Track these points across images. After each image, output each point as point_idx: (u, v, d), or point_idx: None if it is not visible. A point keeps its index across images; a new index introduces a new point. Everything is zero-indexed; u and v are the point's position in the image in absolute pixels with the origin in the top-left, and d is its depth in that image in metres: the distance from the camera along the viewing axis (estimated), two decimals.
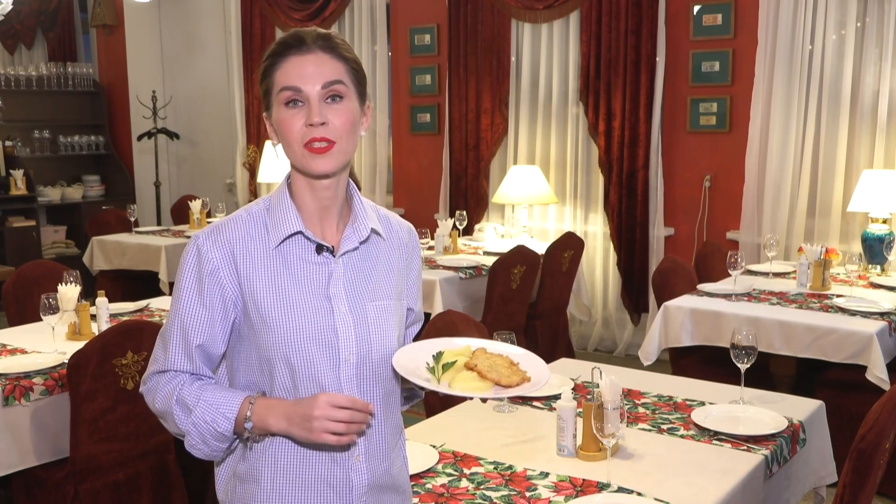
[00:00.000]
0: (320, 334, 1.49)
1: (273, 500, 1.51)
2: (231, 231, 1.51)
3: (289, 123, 1.46)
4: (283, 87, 1.46)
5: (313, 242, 1.52)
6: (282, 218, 1.51)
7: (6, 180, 7.41)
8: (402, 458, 1.64)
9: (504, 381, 1.50)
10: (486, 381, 1.49)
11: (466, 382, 1.50)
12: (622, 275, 5.82)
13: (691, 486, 2.05)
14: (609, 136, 5.71)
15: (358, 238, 1.55)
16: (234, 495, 1.55)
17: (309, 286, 1.50)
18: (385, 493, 1.58)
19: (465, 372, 1.51)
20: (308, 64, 1.46)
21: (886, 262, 4.52)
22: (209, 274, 1.49)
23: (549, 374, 1.57)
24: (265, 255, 1.50)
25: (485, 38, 6.16)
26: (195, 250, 1.50)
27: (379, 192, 6.89)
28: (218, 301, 1.50)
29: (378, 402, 1.55)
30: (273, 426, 1.45)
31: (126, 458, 2.97)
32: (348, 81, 1.49)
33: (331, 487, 1.51)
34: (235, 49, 7.60)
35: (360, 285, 1.54)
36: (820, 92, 5.07)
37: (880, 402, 2.19)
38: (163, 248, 5.60)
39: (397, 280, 1.61)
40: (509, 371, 1.52)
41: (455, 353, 1.55)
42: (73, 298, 3.34)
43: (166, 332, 1.53)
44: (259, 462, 1.51)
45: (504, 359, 1.56)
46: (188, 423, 1.48)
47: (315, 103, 1.45)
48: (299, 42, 1.47)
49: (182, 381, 1.50)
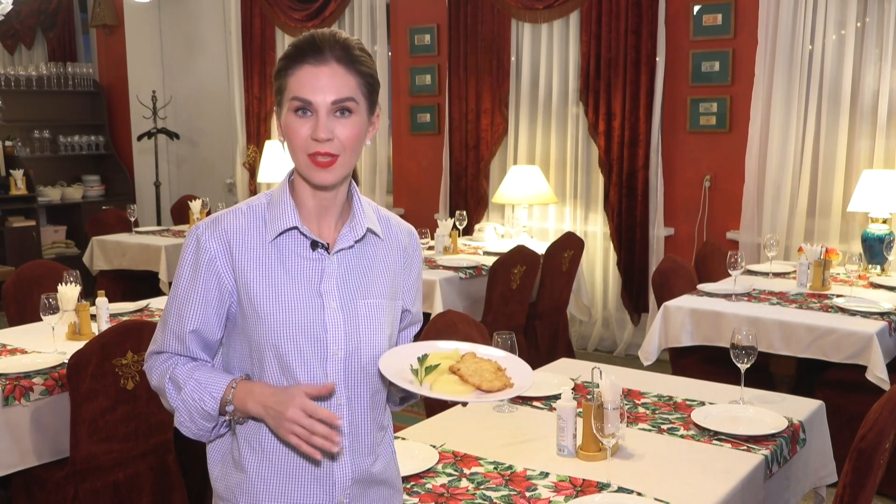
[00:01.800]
0: (310, 328, 1.51)
1: (259, 489, 1.54)
2: (229, 222, 1.54)
3: (296, 131, 1.48)
4: (295, 97, 1.47)
5: (308, 239, 1.54)
6: (280, 213, 1.54)
7: (6, 180, 7.41)
8: (389, 453, 1.66)
9: (486, 385, 1.50)
10: (467, 385, 1.50)
11: (447, 386, 1.51)
12: (622, 275, 5.82)
13: (691, 486, 2.05)
14: (609, 136, 5.72)
15: (353, 237, 1.57)
16: (224, 482, 1.58)
17: (302, 281, 1.53)
18: (371, 487, 1.60)
19: (447, 375, 1.52)
20: (322, 77, 1.46)
21: (886, 262, 4.52)
22: (206, 262, 1.53)
23: (532, 381, 1.56)
24: (261, 248, 1.53)
25: (485, 38, 6.16)
26: (195, 239, 1.55)
27: (379, 192, 6.89)
28: (214, 288, 1.53)
29: (365, 399, 1.57)
30: (252, 410, 1.50)
31: (126, 458, 2.97)
32: (360, 96, 1.49)
33: (314, 479, 1.54)
34: (235, 49, 7.60)
35: (352, 283, 1.56)
36: (820, 92, 5.07)
37: (880, 402, 2.19)
38: (163, 248, 5.60)
39: (392, 280, 1.62)
40: (493, 376, 1.52)
41: (442, 357, 1.56)
42: (73, 298, 3.34)
43: (164, 315, 1.59)
44: (246, 450, 1.54)
45: (492, 364, 1.56)
46: (178, 400, 1.53)
47: (323, 118, 1.46)
48: (315, 51, 1.47)
49: (176, 362, 1.56)
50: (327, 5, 6.93)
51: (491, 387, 1.50)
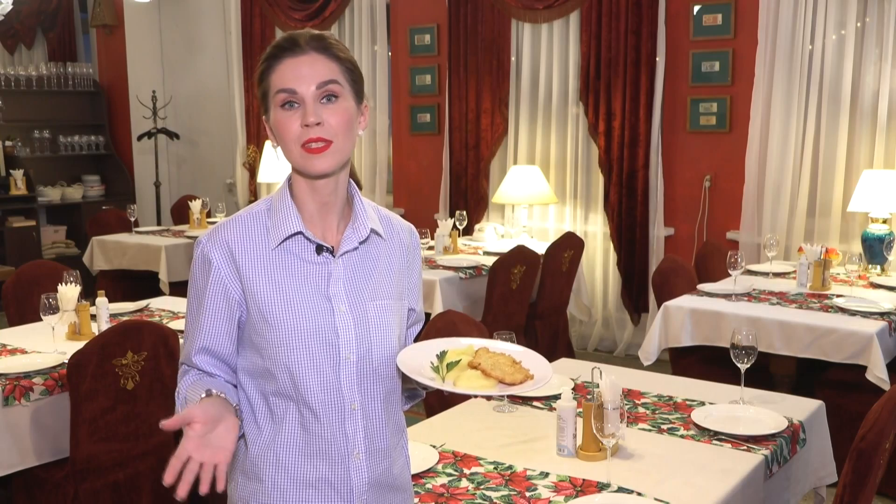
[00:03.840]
0: (321, 333, 1.50)
1: (275, 497, 1.52)
2: (230, 231, 1.53)
3: (285, 125, 1.47)
4: (279, 90, 1.47)
5: (313, 243, 1.53)
6: (282, 218, 1.52)
7: (6, 180, 7.41)
8: (404, 457, 1.65)
9: (508, 378, 1.50)
10: (490, 380, 1.50)
11: (471, 381, 1.50)
12: (622, 275, 5.82)
13: (691, 486, 2.05)
14: (609, 136, 5.71)
15: (357, 238, 1.56)
16: (238, 492, 1.57)
17: (309, 286, 1.51)
18: (386, 493, 1.58)
19: (470, 371, 1.52)
20: (302, 65, 1.47)
21: (886, 262, 4.52)
22: (211, 275, 1.52)
23: (552, 372, 1.58)
24: (265, 256, 1.52)
25: (485, 38, 6.16)
26: (199, 253, 1.54)
27: (379, 192, 6.89)
28: (221, 301, 1.52)
29: (378, 401, 1.56)
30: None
31: (126, 458, 2.97)
32: (343, 81, 1.50)
33: (331, 486, 1.52)
34: (235, 49, 7.60)
35: (360, 285, 1.55)
36: (820, 92, 5.07)
37: (880, 402, 2.19)
38: (163, 248, 5.60)
39: (398, 280, 1.61)
40: (512, 369, 1.53)
41: (458, 353, 1.56)
42: (73, 298, 3.34)
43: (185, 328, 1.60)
44: (261, 460, 1.53)
45: (507, 357, 1.56)
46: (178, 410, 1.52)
47: (310, 104, 1.46)
48: (293, 44, 1.48)
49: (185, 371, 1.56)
50: (327, 5, 6.93)
51: (513, 380, 1.50)
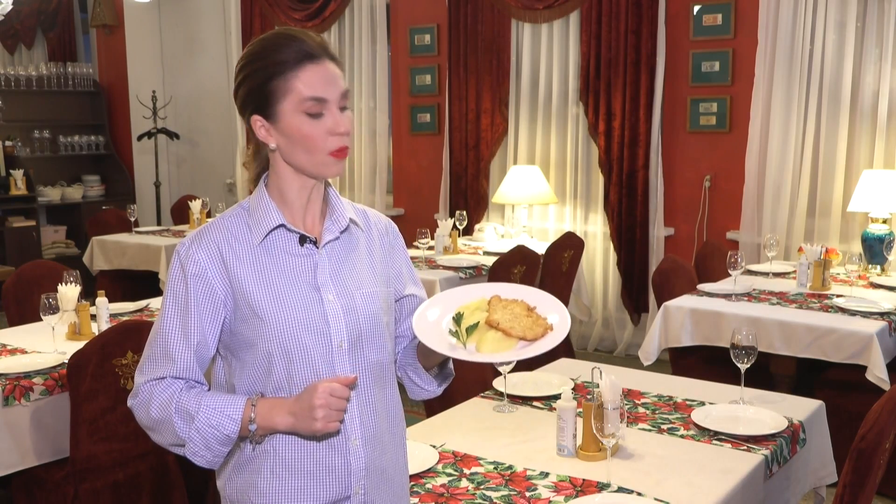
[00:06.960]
0: (312, 324, 1.51)
1: (274, 488, 1.53)
2: (214, 232, 1.55)
3: (310, 133, 1.49)
4: (309, 97, 1.48)
5: (296, 233, 1.55)
6: (263, 215, 1.55)
7: (6, 180, 7.41)
8: (401, 446, 1.66)
9: (529, 334, 1.48)
10: (511, 339, 1.48)
11: (493, 344, 1.48)
12: (622, 275, 5.82)
13: (691, 486, 2.05)
14: (609, 136, 5.71)
15: (338, 228, 1.59)
16: (234, 486, 1.57)
17: (296, 278, 1.54)
18: (384, 480, 1.59)
19: (490, 332, 1.49)
20: (327, 73, 1.50)
21: (886, 262, 4.52)
22: (195, 276, 1.51)
23: (569, 317, 1.54)
24: (250, 252, 1.54)
25: (485, 38, 6.16)
26: (177, 259, 1.54)
27: (379, 192, 6.89)
28: (206, 300, 1.52)
29: (371, 388, 1.58)
30: (280, 424, 1.47)
31: (126, 458, 2.97)
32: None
33: (330, 473, 1.53)
34: (235, 49, 7.60)
35: (345, 273, 1.58)
36: (820, 92, 5.07)
37: (880, 402, 2.19)
38: (163, 248, 5.60)
39: (382, 267, 1.65)
40: (530, 321, 1.50)
41: (473, 309, 1.53)
42: (73, 298, 3.34)
43: (152, 342, 1.54)
44: (256, 452, 1.53)
45: (521, 304, 1.54)
46: (191, 431, 1.47)
47: (337, 112, 1.51)
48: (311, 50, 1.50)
49: (179, 388, 1.50)
50: (327, 5, 6.93)
51: (535, 334, 1.48)
